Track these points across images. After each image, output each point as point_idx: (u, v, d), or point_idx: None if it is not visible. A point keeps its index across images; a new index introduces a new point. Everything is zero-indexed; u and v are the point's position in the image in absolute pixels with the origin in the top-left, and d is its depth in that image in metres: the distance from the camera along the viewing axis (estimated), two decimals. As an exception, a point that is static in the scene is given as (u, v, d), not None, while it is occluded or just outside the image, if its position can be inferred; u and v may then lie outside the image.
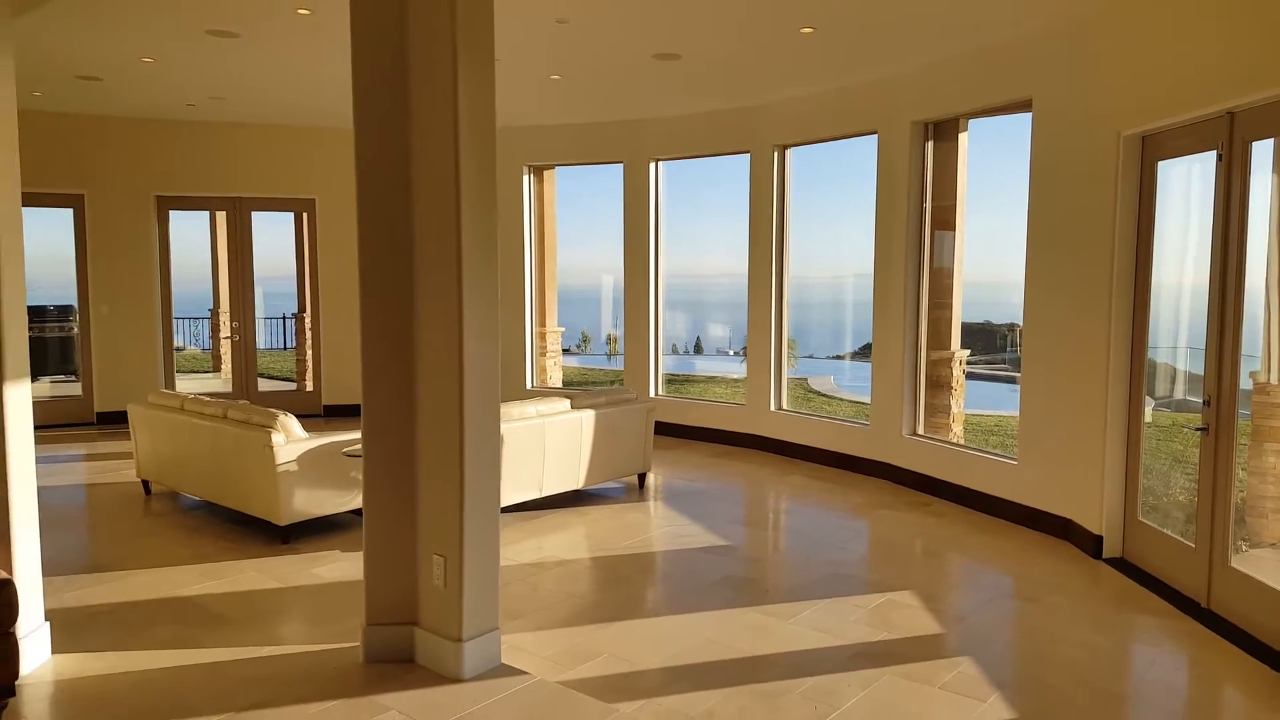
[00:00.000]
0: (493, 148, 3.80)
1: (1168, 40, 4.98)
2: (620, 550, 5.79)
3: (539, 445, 6.39)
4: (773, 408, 8.86)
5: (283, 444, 5.70)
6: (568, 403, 6.73)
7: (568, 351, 14.20)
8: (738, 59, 7.05)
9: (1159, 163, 5.22)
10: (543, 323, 11.17)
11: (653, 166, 9.56)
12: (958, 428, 7.96)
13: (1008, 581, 5.32)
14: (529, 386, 10.47)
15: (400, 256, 3.89)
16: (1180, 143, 5.01)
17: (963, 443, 7.69)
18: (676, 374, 16.76)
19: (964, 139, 7.40)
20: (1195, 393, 5.14)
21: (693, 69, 7.30)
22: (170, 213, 10.20)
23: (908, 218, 7.37)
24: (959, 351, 7.85)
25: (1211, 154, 4.66)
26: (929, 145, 7.35)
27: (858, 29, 6.14)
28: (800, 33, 6.19)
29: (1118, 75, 5.38)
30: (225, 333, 12.93)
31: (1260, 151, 4.40)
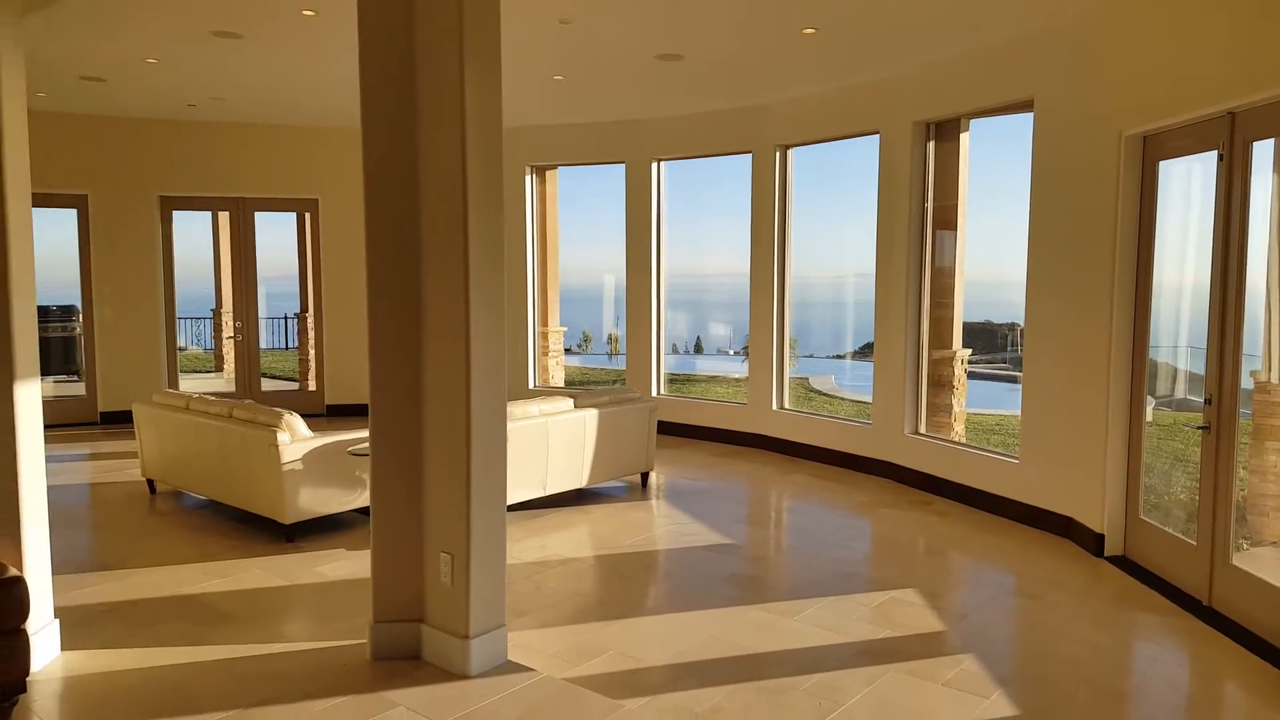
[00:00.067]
0: (499, 148, 3.82)
1: (1169, 40, 5.00)
2: (624, 549, 5.82)
3: (543, 444, 6.42)
4: (775, 407, 8.89)
5: (288, 443, 5.73)
6: (571, 402, 6.75)
7: (569, 351, 14.22)
8: (740, 59, 7.07)
9: (1160, 162, 5.24)
10: (545, 322, 11.20)
11: (655, 166, 9.57)
12: (959, 427, 7.98)
13: (1010, 579, 5.34)
14: (531, 386, 10.49)
15: (407, 256, 3.91)
16: (1181, 143, 5.04)
17: (965, 442, 7.71)
18: (678, 373, 16.78)
19: (965, 139, 7.42)
20: (1196, 392, 5.16)
21: (695, 69, 7.33)
22: (173, 213, 10.23)
23: (909, 217, 7.39)
24: (961, 351, 7.87)
25: (1212, 154, 4.69)
26: (930, 145, 7.38)
27: (859, 30, 6.17)
28: (802, 33, 6.22)
29: (1119, 75, 5.41)
30: (228, 332, 12.97)
31: (1261, 152, 4.42)
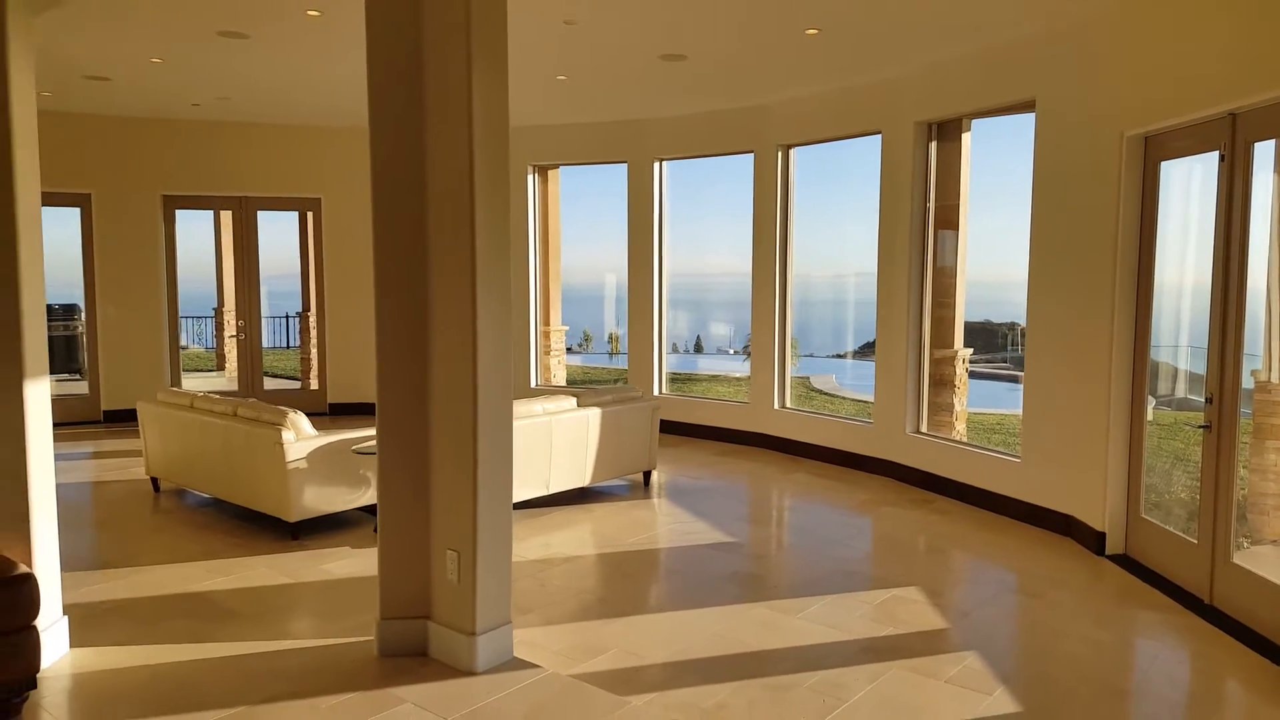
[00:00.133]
0: (505, 145, 3.84)
1: (1170, 41, 5.03)
2: (627, 547, 5.84)
3: (546, 443, 6.44)
4: (776, 406, 8.91)
5: (293, 441, 5.75)
6: (574, 401, 6.78)
7: (570, 350, 14.25)
8: (742, 60, 7.10)
9: (1162, 163, 5.27)
10: (547, 321, 11.22)
11: (657, 166, 9.60)
12: (961, 426, 8.00)
13: (1011, 578, 5.37)
14: (533, 385, 10.52)
15: (414, 254, 3.93)
16: (1183, 143, 5.06)
17: (966, 441, 7.74)
18: (679, 372, 16.82)
19: (967, 139, 7.45)
20: (1196, 391, 5.19)
21: (698, 69, 7.35)
22: (176, 212, 10.25)
23: (911, 217, 7.41)
24: (962, 350, 7.90)
25: (1214, 154, 4.72)
26: (932, 145, 7.40)
27: (862, 30, 6.19)
28: (805, 34, 6.24)
29: (1120, 76, 5.43)
30: (230, 331, 13.01)
31: (1262, 152, 4.45)
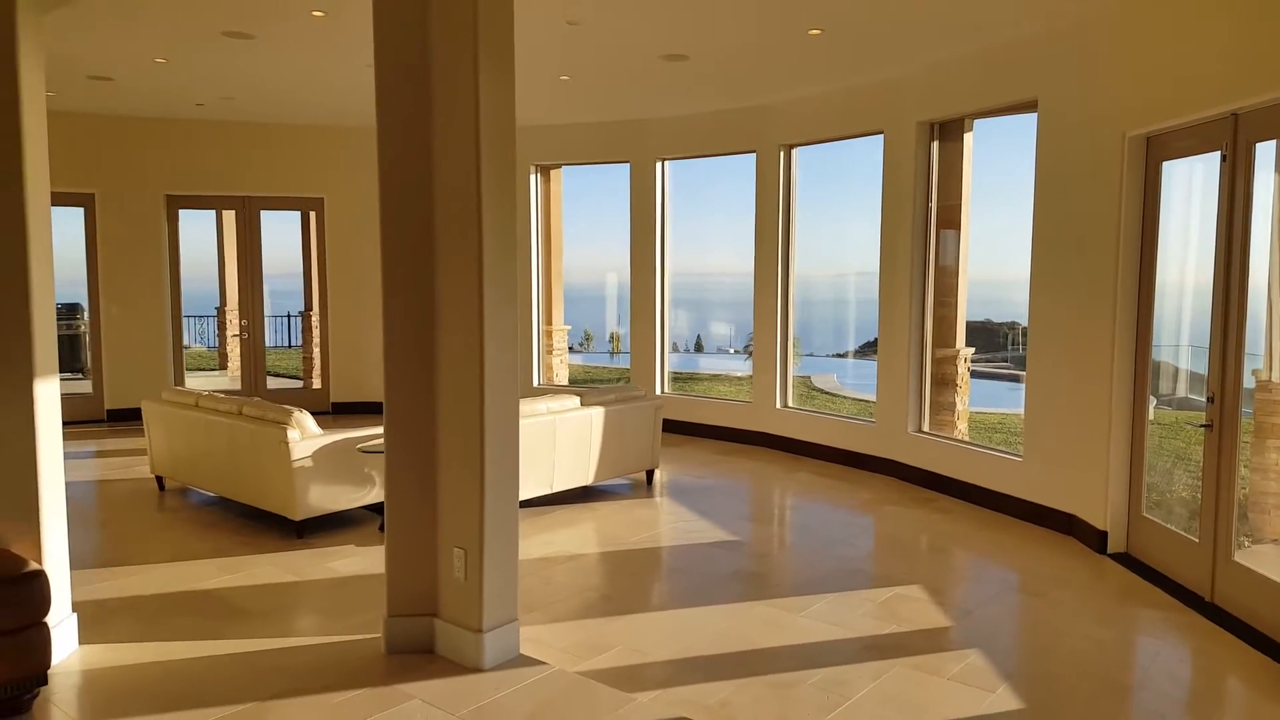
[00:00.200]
0: (512, 144, 3.86)
1: (1172, 41, 5.05)
2: (630, 545, 5.87)
3: (550, 442, 6.47)
4: (778, 405, 8.94)
5: (298, 440, 5.77)
6: (577, 400, 6.80)
7: (571, 350, 14.28)
8: (745, 60, 7.12)
9: (1163, 163, 5.29)
10: (549, 320, 11.24)
11: (659, 166, 9.62)
12: (963, 425, 8.03)
13: (1013, 576, 5.40)
14: (536, 384, 10.54)
15: (421, 253, 3.96)
16: (1184, 144, 5.08)
17: (968, 440, 7.76)
18: (680, 371, 16.84)
19: (969, 139, 7.47)
20: (1197, 391, 5.22)
21: (701, 70, 7.37)
22: (180, 211, 10.27)
23: (913, 217, 7.44)
24: (964, 349, 7.92)
25: (1215, 155, 4.74)
26: (934, 145, 7.42)
27: (864, 30, 6.21)
28: (808, 34, 6.26)
29: (1122, 76, 5.45)
30: (232, 330, 13.03)
31: (1263, 152, 4.47)
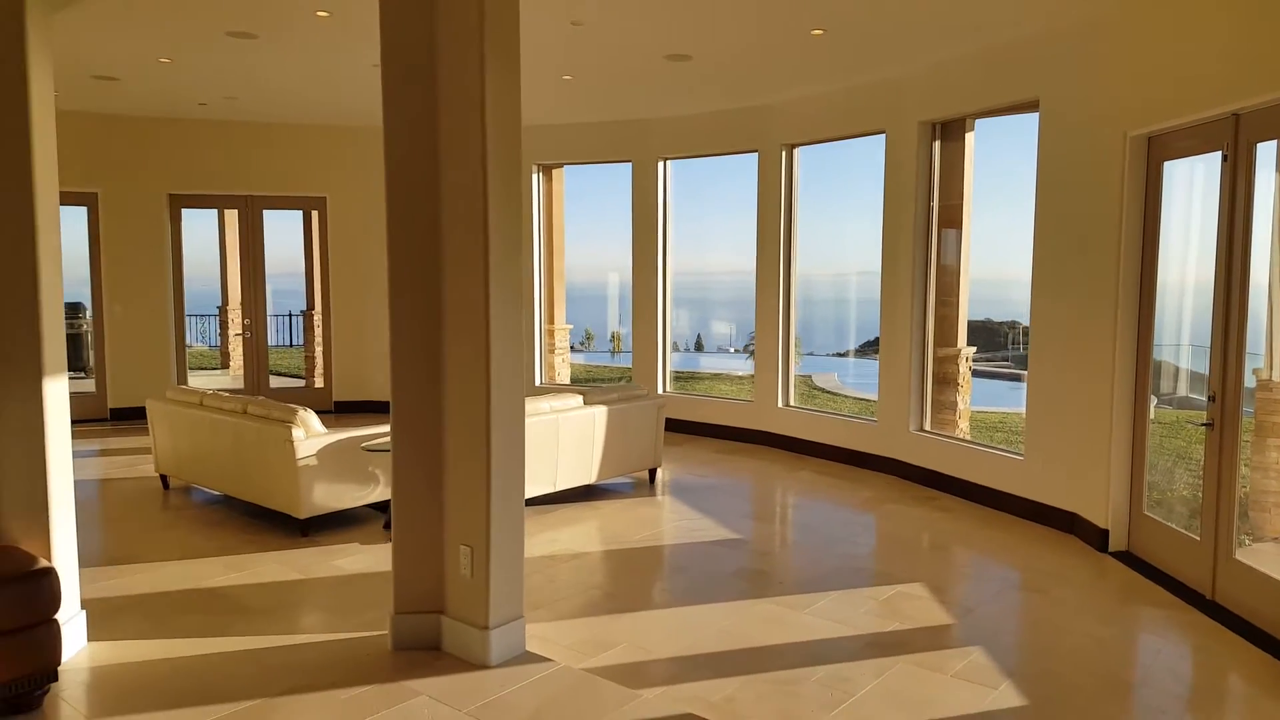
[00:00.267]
0: (518, 144, 3.88)
1: (1173, 41, 5.07)
2: (634, 543, 5.89)
3: (553, 441, 6.49)
4: (780, 404, 8.96)
5: (303, 439, 5.80)
6: (580, 399, 6.83)
7: (573, 349, 14.31)
8: (747, 60, 7.14)
9: (1164, 163, 5.32)
10: (551, 320, 11.26)
11: (661, 165, 9.64)
12: (964, 424, 8.06)
13: (1015, 574, 5.42)
14: (538, 383, 10.57)
15: (428, 253, 3.98)
16: (1186, 144, 5.11)
17: (969, 439, 7.78)
18: (681, 370, 16.86)
19: (970, 138, 7.49)
20: (1198, 390, 5.25)
21: (703, 69, 7.39)
22: (182, 211, 10.30)
23: (915, 216, 7.46)
24: (965, 349, 7.95)
25: (1216, 155, 4.76)
26: (936, 145, 7.45)
27: (866, 30, 6.23)
28: (810, 34, 6.29)
29: (1124, 76, 5.48)
30: (234, 330, 13.04)
31: (1265, 152, 4.50)
